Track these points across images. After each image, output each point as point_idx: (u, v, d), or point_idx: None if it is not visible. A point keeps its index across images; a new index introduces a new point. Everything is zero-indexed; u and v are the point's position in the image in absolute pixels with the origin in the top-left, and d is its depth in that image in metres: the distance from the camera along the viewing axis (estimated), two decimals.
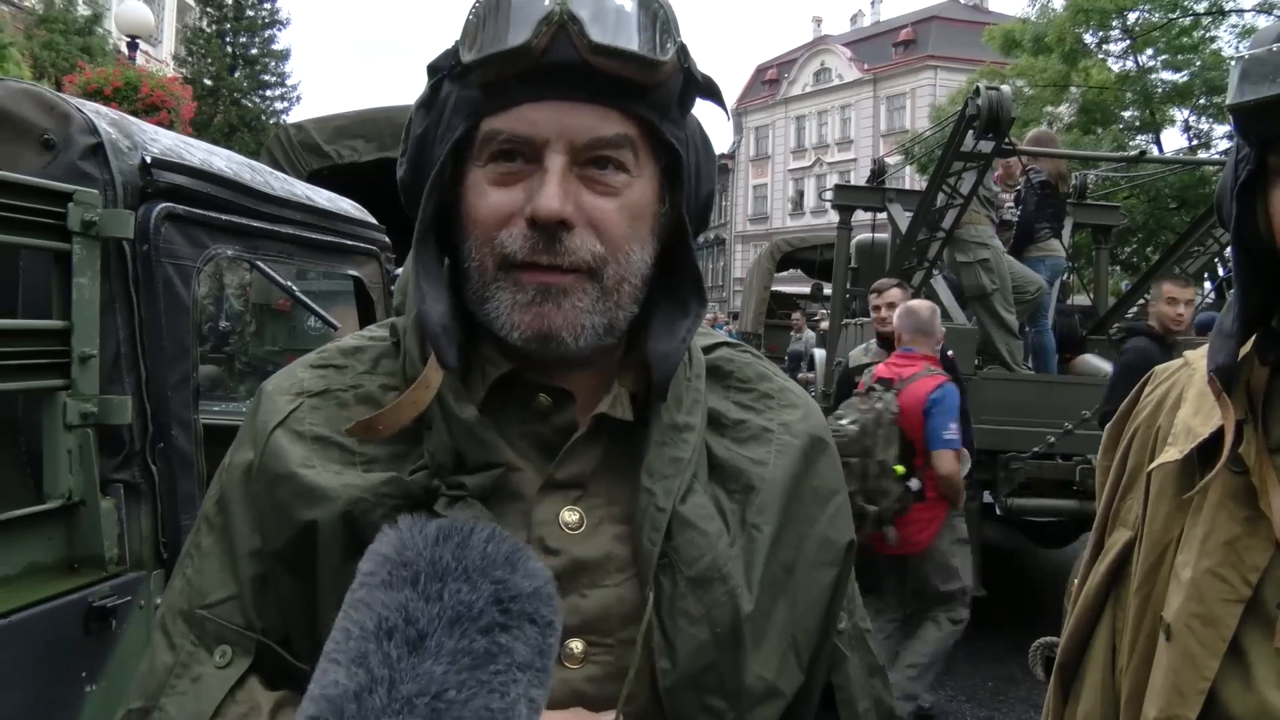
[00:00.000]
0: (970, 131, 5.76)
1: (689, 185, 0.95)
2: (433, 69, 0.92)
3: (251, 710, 0.86)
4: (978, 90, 5.57)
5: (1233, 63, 0.93)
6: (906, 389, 4.41)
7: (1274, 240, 0.95)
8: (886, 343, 5.03)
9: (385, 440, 0.92)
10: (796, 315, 15.77)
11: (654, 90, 0.88)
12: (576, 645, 0.88)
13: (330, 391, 0.97)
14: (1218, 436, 1.01)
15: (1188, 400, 1.11)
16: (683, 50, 0.88)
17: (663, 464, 0.92)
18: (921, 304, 4.85)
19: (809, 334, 14.16)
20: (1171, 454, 1.07)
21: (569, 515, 0.92)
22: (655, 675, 0.87)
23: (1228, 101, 0.93)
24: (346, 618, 0.72)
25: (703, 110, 0.98)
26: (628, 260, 0.89)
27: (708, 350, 1.06)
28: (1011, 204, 7.54)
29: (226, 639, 0.90)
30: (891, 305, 5.02)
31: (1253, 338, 1.01)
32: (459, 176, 0.91)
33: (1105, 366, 6.37)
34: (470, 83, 0.88)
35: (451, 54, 0.89)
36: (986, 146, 5.87)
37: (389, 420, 0.89)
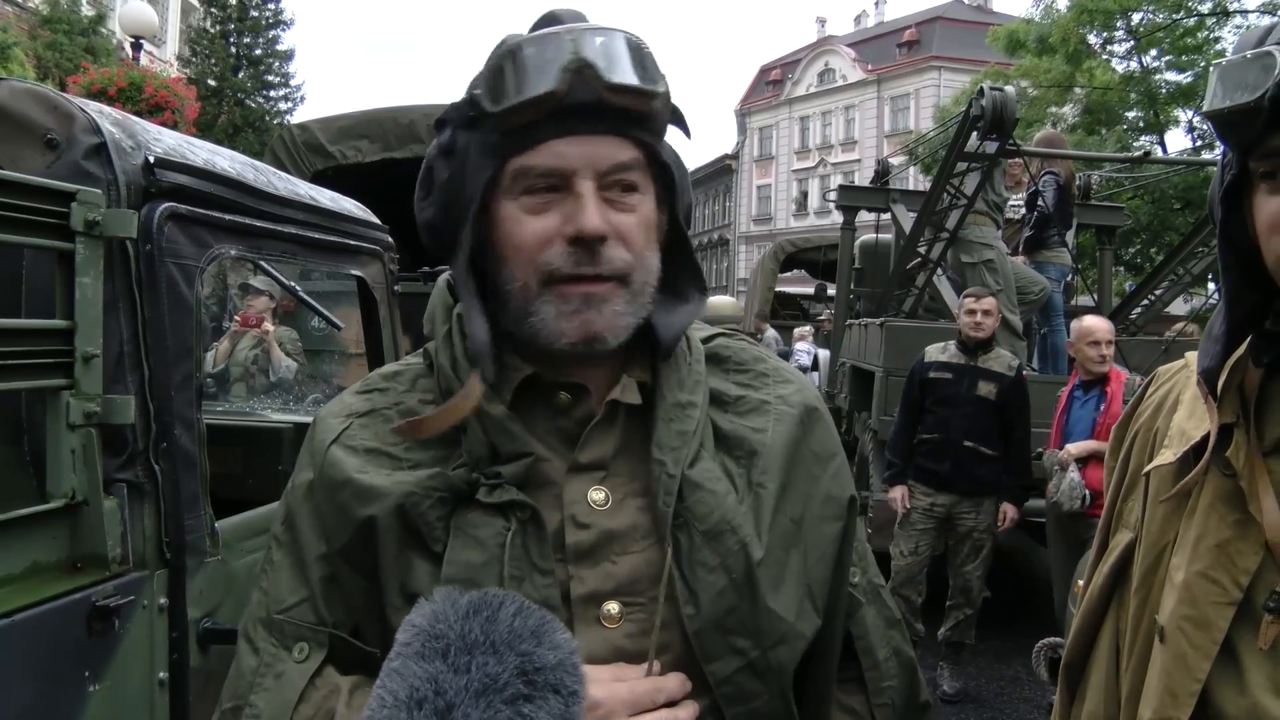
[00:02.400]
0: (974, 132, 5.75)
1: (679, 197, 1.09)
2: (442, 122, 1.04)
3: (332, 691, 0.99)
4: (982, 91, 5.56)
5: (1211, 69, 0.94)
6: None
7: (1259, 243, 0.95)
8: (967, 347, 5.22)
9: (426, 446, 1.04)
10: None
11: (651, 118, 1.01)
12: (613, 606, 0.99)
13: (376, 411, 1.10)
14: (1209, 439, 1.01)
15: (1183, 402, 1.11)
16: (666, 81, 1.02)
17: (670, 437, 1.04)
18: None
19: (770, 333, 13.96)
20: (1167, 456, 1.08)
21: (595, 494, 1.03)
22: (683, 622, 0.98)
23: (1204, 108, 0.94)
24: (382, 686, 0.79)
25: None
26: (646, 266, 1.03)
27: (706, 340, 1.19)
28: (1017, 202, 7.53)
29: (303, 636, 1.02)
30: (988, 313, 5.21)
31: (1247, 340, 1.01)
32: (485, 212, 1.02)
33: None
34: (489, 129, 0.99)
35: (464, 106, 1.01)
36: (990, 147, 5.86)
37: (434, 423, 1.00)
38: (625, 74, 0.96)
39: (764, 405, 1.12)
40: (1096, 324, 5.02)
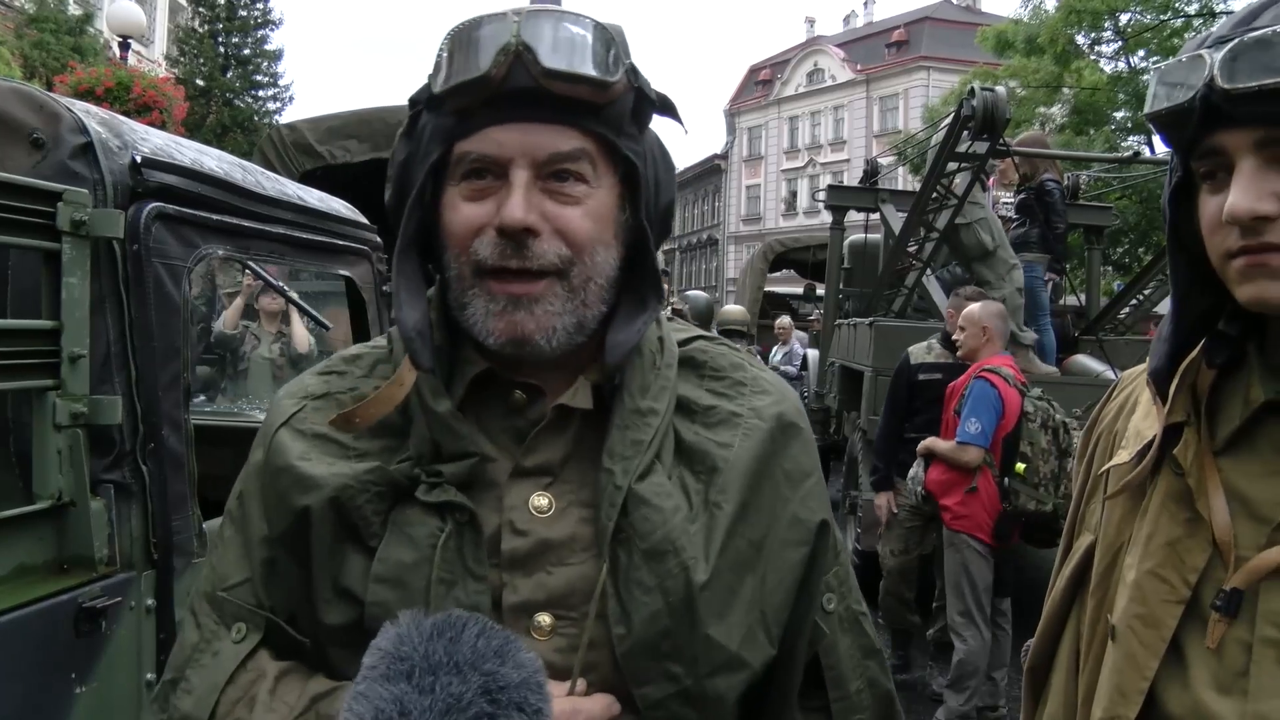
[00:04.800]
0: (965, 132, 5.76)
1: (648, 193, 1.03)
2: (412, 102, 1.01)
3: (259, 677, 0.98)
4: (973, 91, 5.57)
5: (1150, 73, 0.95)
6: None
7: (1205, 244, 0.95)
8: (950, 343, 5.11)
9: (377, 435, 1.02)
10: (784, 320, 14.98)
11: (606, 108, 0.96)
12: (545, 619, 0.96)
13: (331, 394, 1.08)
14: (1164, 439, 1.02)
15: (1140, 404, 1.12)
16: (632, 71, 0.97)
17: (623, 446, 0.99)
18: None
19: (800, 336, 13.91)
20: (1122, 456, 1.09)
21: (539, 500, 0.99)
22: (613, 643, 0.94)
23: (1145, 110, 0.96)
24: (349, 709, 0.80)
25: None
26: (593, 261, 0.98)
27: (683, 343, 1.13)
28: (1008, 200, 7.55)
29: (242, 617, 1.02)
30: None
31: (1202, 341, 1.02)
32: (438, 197, 1.00)
33: (1097, 367, 6.39)
34: (444, 111, 0.97)
35: (426, 87, 0.98)
36: (981, 147, 5.87)
37: (365, 413, 0.99)
38: (570, 60, 0.92)
39: (734, 418, 1.06)
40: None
